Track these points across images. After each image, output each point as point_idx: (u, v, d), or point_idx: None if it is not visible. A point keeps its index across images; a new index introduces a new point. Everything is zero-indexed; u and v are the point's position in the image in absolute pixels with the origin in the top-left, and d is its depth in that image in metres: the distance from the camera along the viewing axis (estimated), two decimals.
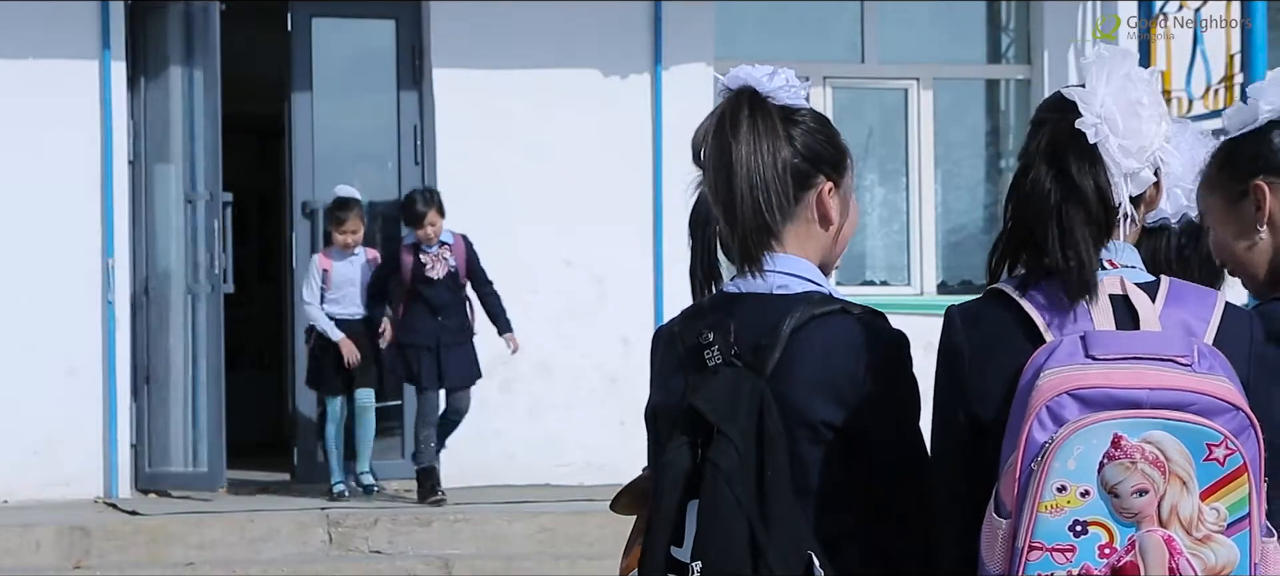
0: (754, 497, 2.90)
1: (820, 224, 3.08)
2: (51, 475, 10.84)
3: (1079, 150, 2.85)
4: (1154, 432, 2.70)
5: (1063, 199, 2.84)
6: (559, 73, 11.56)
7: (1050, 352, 2.78)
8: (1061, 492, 2.70)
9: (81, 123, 11.01)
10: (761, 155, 3.03)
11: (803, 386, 2.97)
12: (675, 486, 2.96)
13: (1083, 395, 2.72)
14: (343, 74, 11.83)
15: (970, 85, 12.79)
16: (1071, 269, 2.83)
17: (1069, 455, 2.69)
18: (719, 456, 2.90)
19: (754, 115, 3.05)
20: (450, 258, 10.69)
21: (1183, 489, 2.71)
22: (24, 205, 10.90)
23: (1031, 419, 2.72)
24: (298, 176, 11.65)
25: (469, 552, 9.90)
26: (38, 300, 10.88)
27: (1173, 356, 2.76)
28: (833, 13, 12.36)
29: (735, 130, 3.05)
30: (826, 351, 2.99)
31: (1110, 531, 2.71)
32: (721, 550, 2.89)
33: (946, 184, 12.63)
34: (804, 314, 2.99)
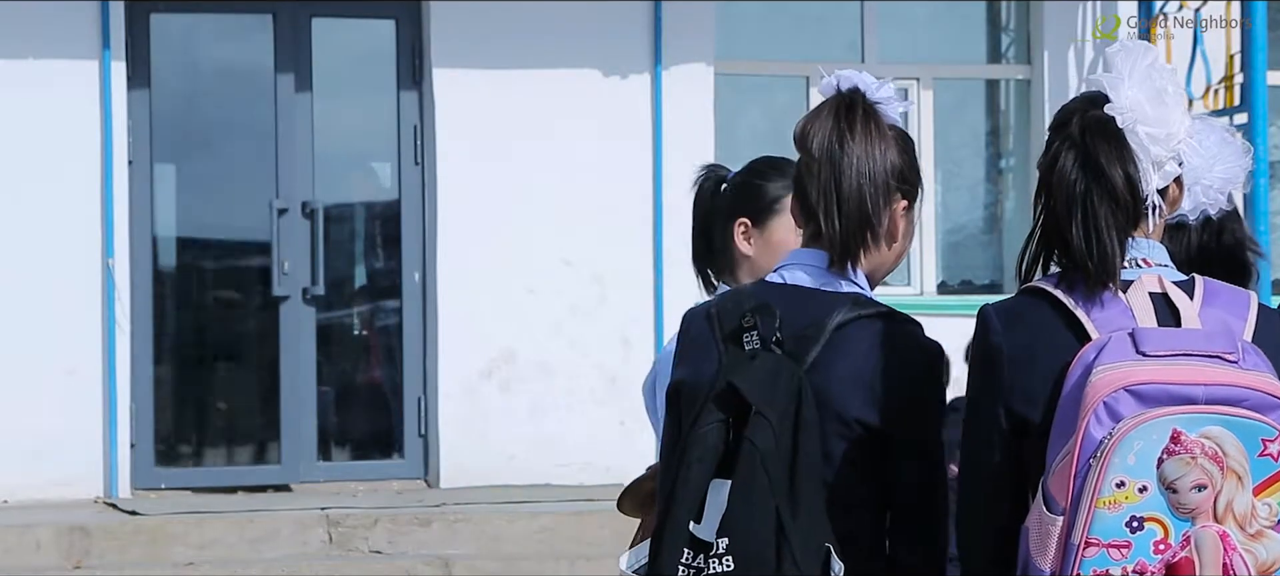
0: (785, 482, 2.93)
1: (887, 240, 3.14)
2: (51, 475, 10.83)
3: (1108, 138, 2.85)
4: (1211, 428, 2.71)
5: (1090, 186, 2.83)
6: (559, 73, 11.55)
7: (1099, 349, 2.78)
8: (1120, 488, 2.69)
9: (81, 123, 11.00)
10: (874, 157, 3.08)
11: (841, 382, 3.01)
12: (704, 462, 2.97)
13: (1139, 391, 2.71)
14: (343, 74, 11.82)
15: (970, 85, 12.78)
16: (1094, 255, 2.82)
17: (1129, 450, 2.69)
18: (756, 436, 2.93)
19: (868, 118, 3.10)
20: None
21: (1239, 484, 2.71)
22: (24, 205, 10.89)
23: (1088, 415, 2.72)
24: (298, 177, 11.64)
25: (469, 552, 9.89)
26: (37, 300, 10.87)
27: (1220, 353, 2.77)
28: (833, 13, 12.35)
29: (851, 128, 3.09)
30: (867, 351, 3.03)
31: (1166, 527, 2.71)
32: (750, 529, 2.92)
33: (946, 184, 12.62)
34: (850, 312, 3.05)
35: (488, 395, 11.40)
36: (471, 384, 11.41)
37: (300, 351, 11.51)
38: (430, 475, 11.55)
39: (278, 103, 11.51)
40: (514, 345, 11.42)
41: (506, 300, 11.32)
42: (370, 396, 11.85)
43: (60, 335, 10.90)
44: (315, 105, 11.56)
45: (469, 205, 11.44)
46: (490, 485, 11.13)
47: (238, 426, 11.86)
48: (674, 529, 2.99)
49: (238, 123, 11.75)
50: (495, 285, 11.33)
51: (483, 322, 11.33)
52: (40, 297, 10.87)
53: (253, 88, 11.59)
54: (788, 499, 2.92)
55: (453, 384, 11.41)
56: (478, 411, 11.39)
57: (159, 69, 11.37)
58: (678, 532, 2.98)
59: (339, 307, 11.72)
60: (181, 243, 11.75)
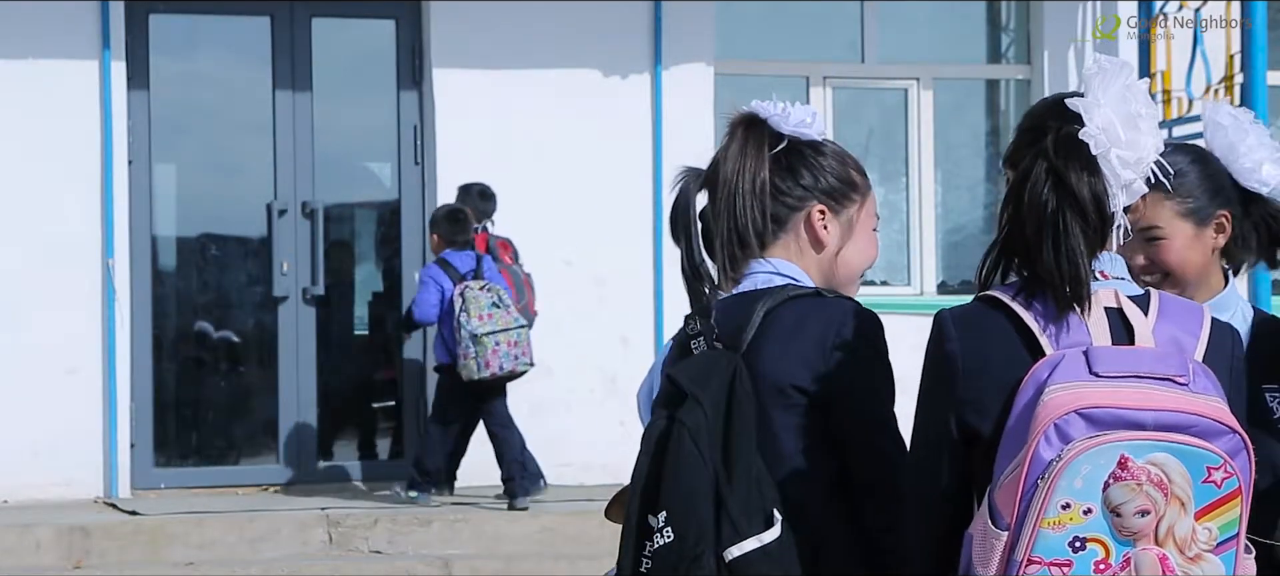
0: (720, 454, 3.10)
1: (813, 245, 3.37)
2: (51, 475, 10.84)
3: (1079, 159, 2.86)
4: (1158, 455, 2.73)
5: (1060, 206, 2.85)
6: (559, 73, 11.56)
7: (1053, 366, 2.80)
8: (1065, 509, 2.72)
9: (81, 123, 11.01)
10: (742, 175, 3.35)
11: (773, 356, 3.20)
12: (647, 450, 3.16)
13: (1090, 414, 2.74)
14: (343, 74, 11.83)
15: (970, 85, 12.79)
16: (1066, 277, 2.84)
17: (1077, 474, 2.71)
18: (685, 415, 3.11)
19: (746, 139, 3.37)
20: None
21: (1181, 510, 2.75)
22: (24, 205, 10.90)
23: (1039, 435, 2.73)
24: (298, 177, 11.65)
25: (469, 552, 9.90)
26: (37, 300, 10.88)
27: (1171, 376, 2.79)
28: (833, 13, 12.36)
29: (727, 148, 3.39)
30: (797, 324, 3.22)
31: (1107, 548, 2.74)
32: (685, 500, 3.08)
33: (946, 184, 12.63)
34: (779, 297, 3.26)
35: None
36: None
37: (300, 351, 11.52)
38: None
39: (277, 103, 11.52)
40: None
41: None
42: (370, 396, 11.85)
43: (60, 335, 10.91)
44: (315, 105, 11.57)
45: None
46: (490, 485, 11.13)
47: (238, 426, 11.87)
48: (629, 524, 3.16)
49: (237, 123, 11.77)
50: None
51: None
52: (40, 297, 10.88)
53: (252, 88, 11.59)
54: (723, 468, 3.08)
55: None
56: None
57: (159, 69, 11.38)
58: (631, 526, 3.15)
59: (339, 308, 11.72)
60: (181, 243, 11.76)
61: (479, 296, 10.41)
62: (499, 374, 10.39)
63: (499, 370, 10.37)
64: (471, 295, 10.39)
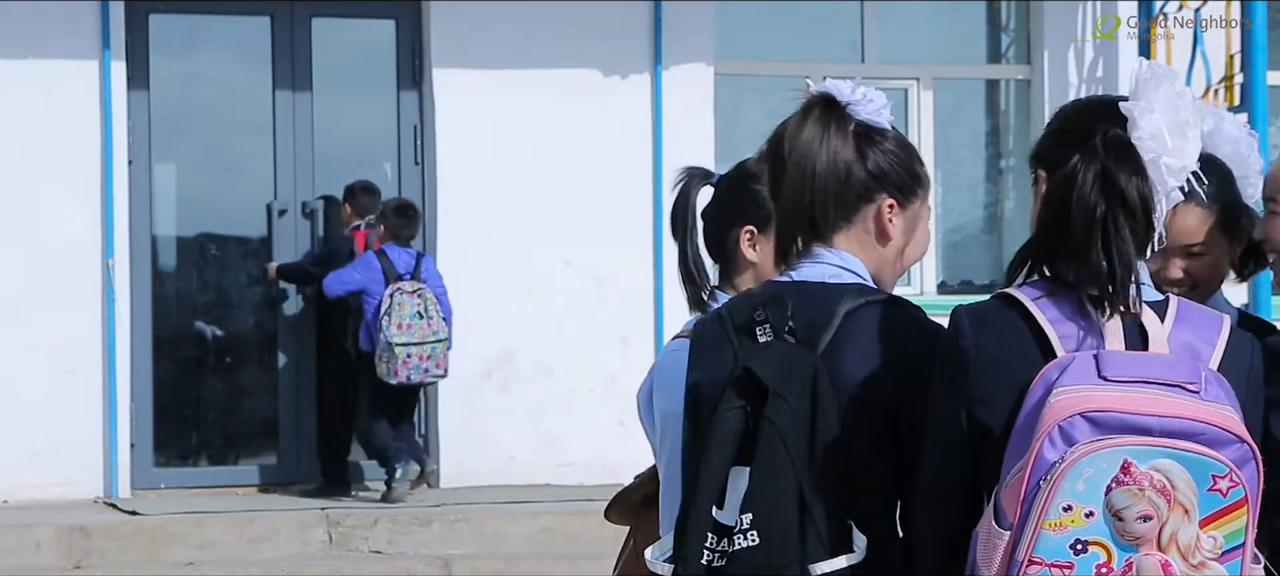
0: (805, 460, 2.97)
1: (878, 239, 3.21)
2: (51, 475, 10.83)
3: (1130, 163, 2.85)
4: (1162, 461, 2.73)
5: (1110, 208, 2.84)
6: (559, 73, 11.55)
7: (1062, 369, 2.79)
8: (1067, 512, 2.73)
9: (81, 123, 11.00)
10: (821, 157, 3.18)
11: (853, 363, 3.07)
12: (725, 446, 3.01)
13: (1095, 417, 2.73)
14: (343, 74, 11.83)
15: (970, 85, 12.78)
16: (1115, 279, 2.83)
17: (1079, 477, 2.71)
18: (775, 414, 2.97)
19: (825, 117, 3.22)
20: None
21: (1185, 517, 2.74)
22: (24, 205, 10.90)
23: (1043, 437, 2.74)
24: (298, 177, 11.65)
25: (469, 552, 9.90)
26: (37, 300, 10.87)
27: (1182, 382, 2.78)
28: (833, 13, 12.36)
29: (801, 126, 3.22)
30: (878, 333, 3.09)
31: (1109, 551, 2.74)
32: (773, 505, 2.95)
33: (946, 184, 12.62)
34: (858, 299, 3.12)
35: (488, 395, 11.41)
36: (471, 384, 11.41)
37: (300, 351, 11.51)
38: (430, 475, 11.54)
39: (277, 103, 11.52)
40: (514, 345, 11.42)
41: (506, 300, 11.31)
42: None
43: (60, 335, 10.90)
44: (315, 105, 11.57)
45: (469, 205, 11.44)
46: (490, 485, 11.14)
47: (238, 426, 11.87)
48: (697, 514, 3.01)
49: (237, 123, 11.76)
50: (495, 285, 11.34)
51: (483, 323, 11.33)
52: (40, 298, 10.87)
53: (252, 88, 11.59)
54: (809, 476, 2.96)
55: (453, 384, 11.40)
56: (478, 411, 11.39)
57: (159, 69, 11.37)
58: (701, 518, 3.00)
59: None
60: (181, 243, 11.76)
61: (406, 302, 10.60)
62: (406, 383, 10.63)
63: (406, 380, 10.60)
64: (399, 300, 10.59)
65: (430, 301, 10.65)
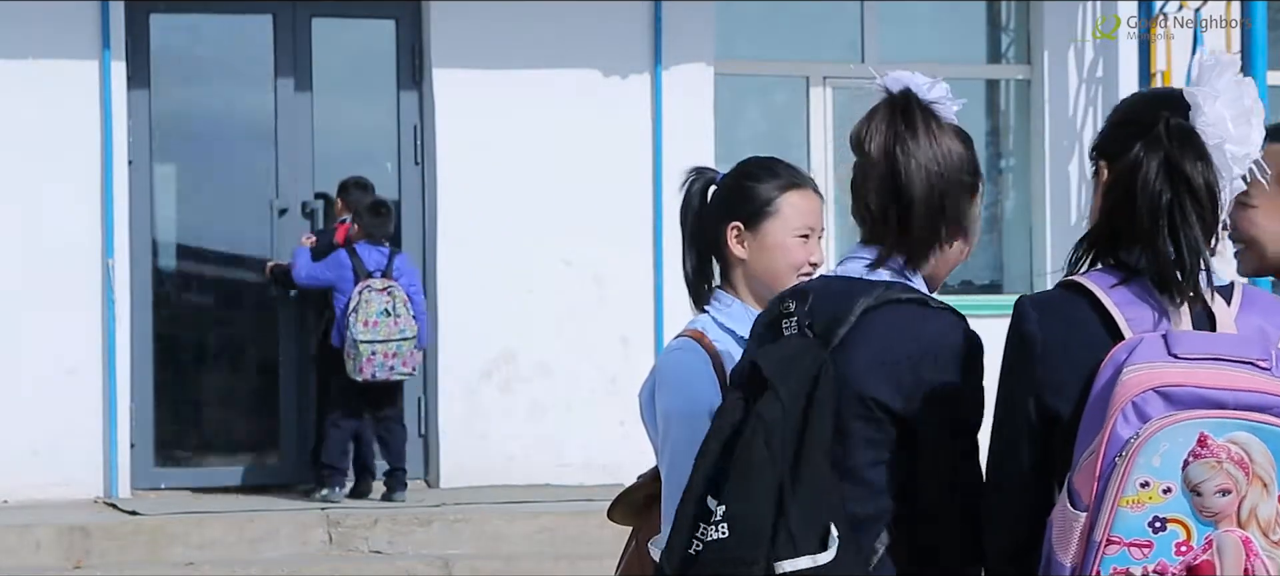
0: (790, 456, 2.94)
1: (959, 236, 3.18)
2: (51, 475, 10.83)
3: (1196, 150, 2.85)
4: (1239, 434, 2.71)
5: (1177, 196, 2.83)
6: (559, 73, 11.55)
7: (1131, 349, 2.78)
8: (1144, 488, 2.70)
9: (81, 123, 11.00)
10: (941, 157, 3.13)
11: (862, 363, 3.02)
12: (719, 433, 3.00)
13: (1168, 392, 2.72)
14: (343, 74, 11.83)
15: (970, 85, 12.77)
16: (1183, 266, 2.83)
17: (1155, 451, 2.69)
18: (763, 408, 2.94)
19: (928, 119, 3.16)
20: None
21: (1264, 491, 2.72)
22: (24, 205, 10.89)
23: (1116, 414, 2.72)
24: (298, 177, 11.65)
25: (469, 552, 9.89)
26: (38, 300, 10.87)
27: (1253, 359, 2.77)
28: (833, 13, 12.35)
29: (912, 130, 3.13)
30: (894, 335, 3.04)
31: (1188, 529, 2.71)
32: (746, 497, 2.93)
33: None
34: (881, 296, 3.05)
35: (488, 395, 11.40)
36: (471, 384, 11.41)
37: (300, 351, 11.50)
38: (430, 475, 11.55)
39: (278, 103, 11.52)
40: (514, 345, 11.42)
41: (506, 300, 11.31)
42: None
43: (60, 335, 10.90)
44: (315, 105, 11.57)
45: (469, 205, 11.44)
46: (490, 485, 11.14)
47: (238, 426, 11.86)
48: (689, 498, 3.00)
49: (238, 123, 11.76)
50: (495, 285, 11.33)
51: (483, 323, 11.33)
52: (40, 297, 10.87)
53: (253, 88, 11.59)
54: (791, 473, 2.93)
55: (453, 384, 11.41)
56: (478, 411, 11.39)
57: (159, 69, 11.37)
58: (690, 505, 3.00)
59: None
60: (181, 243, 11.75)
61: (373, 299, 10.64)
62: (371, 381, 10.64)
63: (371, 377, 10.63)
64: (366, 298, 10.63)
65: (399, 300, 10.69)
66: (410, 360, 10.72)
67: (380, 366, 10.61)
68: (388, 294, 10.66)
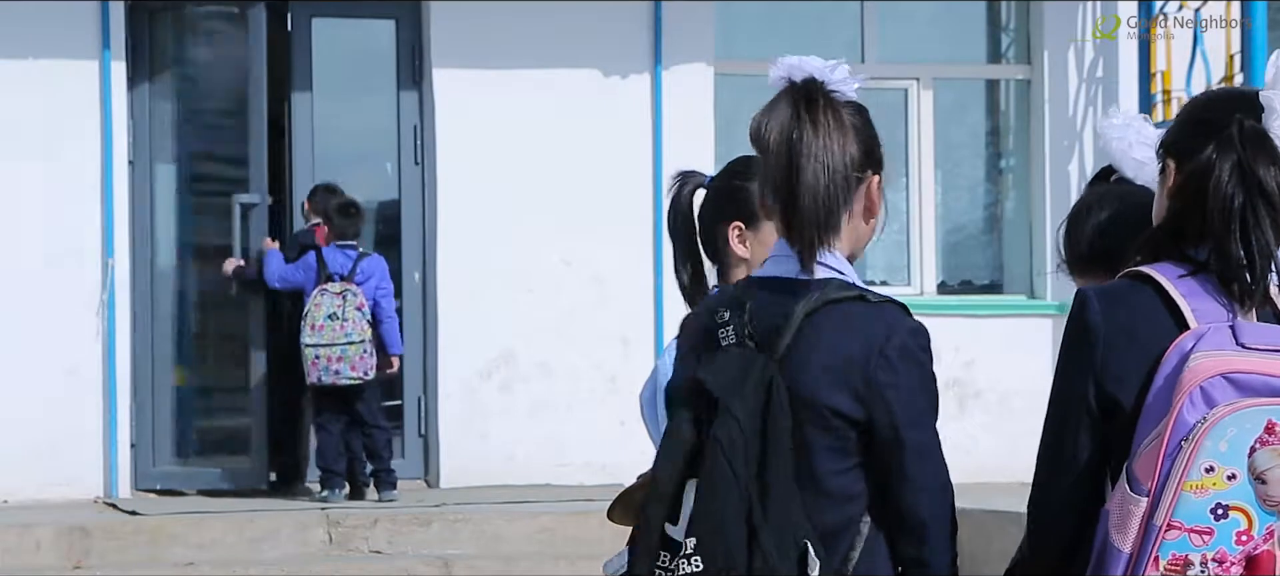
0: (754, 475, 2.87)
1: (865, 216, 3.09)
2: (51, 475, 10.83)
3: (1267, 153, 2.84)
4: None
5: (1249, 199, 2.82)
6: (559, 73, 11.55)
7: (1198, 337, 2.77)
8: (1209, 473, 2.68)
9: (81, 123, 11.00)
10: (832, 149, 3.02)
11: (812, 371, 2.94)
12: (673, 459, 2.93)
13: (1237, 379, 2.71)
14: (343, 74, 11.82)
15: (970, 85, 12.78)
16: (1255, 269, 2.81)
17: (1222, 437, 2.68)
18: (720, 430, 2.87)
19: (827, 108, 3.04)
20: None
21: None
22: (24, 205, 10.89)
23: (1183, 398, 2.71)
24: (298, 176, 11.65)
25: (469, 552, 9.89)
26: (37, 300, 10.87)
27: None
28: (833, 13, 12.35)
29: (813, 122, 3.03)
30: (839, 336, 2.97)
31: (1251, 518, 2.69)
32: (717, 525, 2.86)
33: (946, 184, 12.62)
34: (820, 298, 2.97)
35: (488, 395, 11.40)
36: (471, 384, 11.41)
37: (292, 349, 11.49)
38: (430, 475, 11.55)
39: (278, 102, 11.51)
40: (514, 345, 11.42)
41: (506, 300, 11.31)
42: None
43: (60, 335, 10.90)
44: (315, 105, 11.57)
45: (469, 205, 11.44)
46: (490, 485, 11.14)
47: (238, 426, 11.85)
48: (648, 530, 2.95)
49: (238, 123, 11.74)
50: (495, 285, 11.33)
51: (483, 322, 11.33)
52: (40, 297, 10.87)
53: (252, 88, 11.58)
54: (758, 492, 2.86)
55: (453, 384, 11.41)
56: (478, 411, 11.39)
57: (159, 69, 11.37)
58: (651, 533, 2.94)
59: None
60: (181, 243, 11.74)
61: (322, 303, 10.67)
62: (318, 384, 10.66)
63: (317, 381, 10.65)
64: (317, 301, 10.67)
65: (351, 304, 10.65)
66: (360, 364, 10.61)
67: (325, 370, 10.58)
68: (340, 297, 10.63)
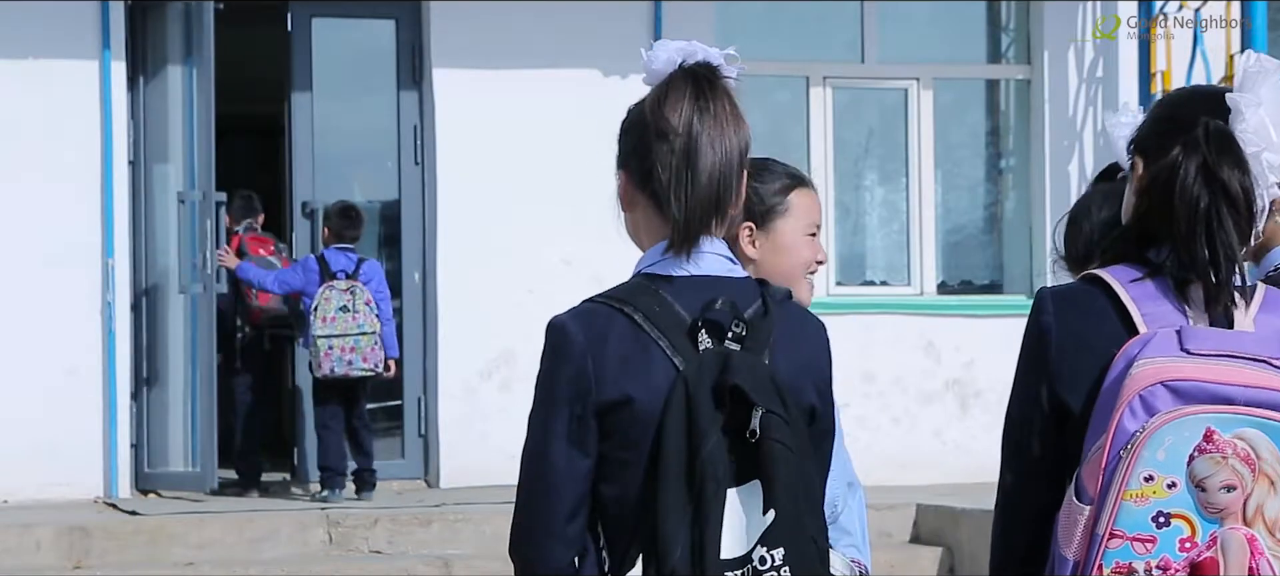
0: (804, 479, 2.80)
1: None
2: (51, 475, 10.83)
3: (1233, 156, 2.83)
4: (1246, 430, 2.69)
5: (1214, 201, 2.81)
6: (559, 73, 11.55)
7: (1144, 343, 2.76)
8: (1148, 482, 2.68)
9: (81, 123, 11.00)
10: (729, 137, 2.96)
11: (792, 370, 2.87)
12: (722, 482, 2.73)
13: (1176, 387, 2.70)
14: (343, 74, 11.83)
15: (970, 85, 12.78)
16: (1220, 271, 2.80)
17: (1160, 445, 2.68)
18: (781, 434, 2.74)
19: (725, 97, 2.99)
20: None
21: (1270, 489, 2.70)
22: (24, 205, 10.89)
23: (1123, 406, 2.70)
24: (298, 176, 11.65)
25: (469, 552, 9.89)
26: (37, 300, 10.87)
27: (1267, 358, 2.75)
28: (833, 13, 12.35)
29: (717, 109, 2.97)
30: (800, 336, 2.92)
31: (1193, 525, 2.69)
32: (801, 535, 2.73)
33: (946, 184, 12.62)
34: (771, 296, 2.90)
35: (488, 395, 11.40)
36: (471, 384, 11.41)
37: (300, 350, 11.50)
38: (430, 475, 11.55)
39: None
40: (514, 345, 11.42)
41: (506, 300, 11.30)
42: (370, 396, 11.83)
43: (60, 335, 10.90)
44: (315, 105, 11.57)
45: (469, 205, 11.44)
46: (490, 485, 11.13)
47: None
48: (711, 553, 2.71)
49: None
50: (495, 285, 11.33)
51: (483, 322, 11.33)
52: (40, 297, 10.87)
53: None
54: (807, 497, 2.78)
55: (453, 384, 11.41)
56: (478, 411, 11.39)
57: (159, 68, 11.36)
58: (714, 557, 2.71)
59: None
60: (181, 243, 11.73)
61: (332, 297, 10.75)
62: (330, 376, 10.71)
63: (330, 372, 10.71)
64: (325, 296, 10.73)
65: (360, 298, 10.76)
66: (371, 356, 10.74)
67: (338, 361, 10.66)
68: (349, 292, 10.75)
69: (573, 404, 2.92)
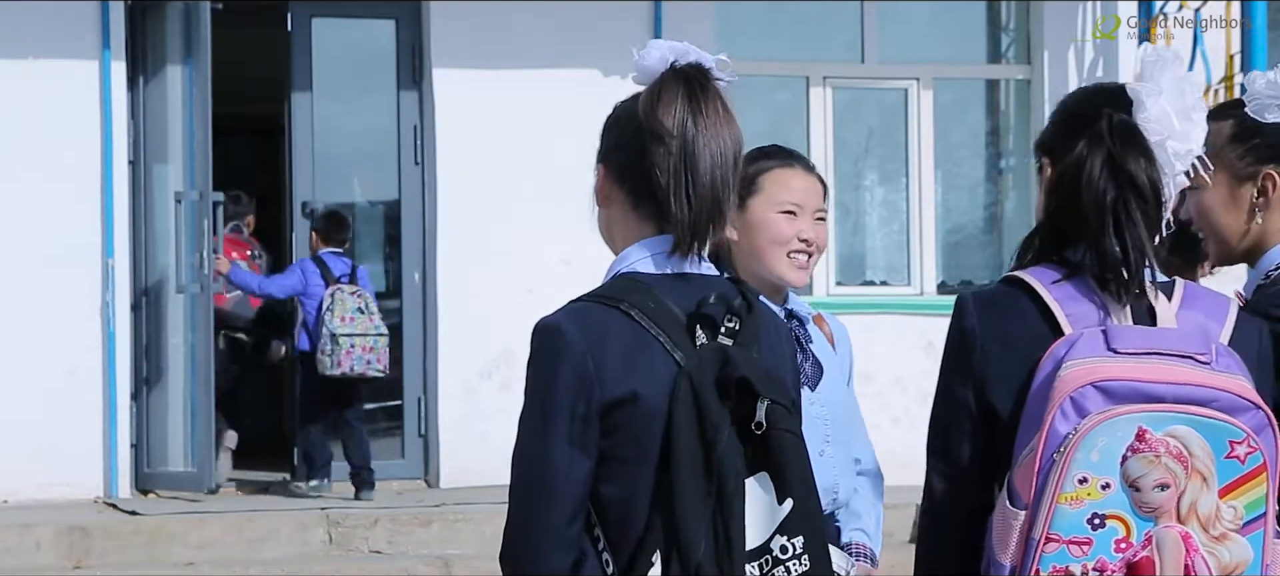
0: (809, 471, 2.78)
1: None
2: (51, 475, 10.83)
3: (1137, 147, 2.83)
4: (1178, 427, 2.69)
5: (1121, 193, 2.82)
6: (559, 73, 11.55)
7: (1070, 345, 2.77)
8: (1082, 484, 2.68)
9: (81, 123, 11.00)
10: (723, 139, 2.96)
11: (775, 364, 2.87)
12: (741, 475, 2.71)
13: (1106, 387, 2.70)
14: (343, 74, 11.83)
15: (970, 85, 12.78)
16: (1130, 265, 2.81)
17: (1093, 447, 2.68)
18: (789, 424, 2.73)
19: (716, 98, 2.97)
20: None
21: (1203, 485, 2.70)
22: (24, 205, 10.89)
23: (1054, 409, 2.70)
24: (298, 177, 11.65)
25: (469, 552, 9.90)
26: (37, 300, 10.87)
27: (1192, 353, 2.75)
28: (833, 13, 12.35)
29: (710, 110, 2.95)
30: (775, 333, 2.93)
31: (1128, 525, 2.69)
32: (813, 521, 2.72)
33: (946, 184, 12.62)
34: (751, 293, 2.89)
35: (488, 395, 11.40)
36: (471, 384, 11.41)
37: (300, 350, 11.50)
38: (430, 475, 11.55)
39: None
40: (514, 345, 11.41)
41: (506, 300, 11.30)
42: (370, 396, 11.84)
43: (60, 335, 10.90)
44: (315, 105, 11.57)
45: (469, 205, 11.44)
46: (490, 485, 11.13)
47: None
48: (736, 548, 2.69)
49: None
50: (495, 285, 11.33)
51: (483, 322, 11.33)
52: (40, 297, 10.87)
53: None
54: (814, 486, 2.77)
55: (453, 384, 11.41)
56: (478, 411, 11.39)
57: (159, 68, 11.37)
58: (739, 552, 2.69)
59: None
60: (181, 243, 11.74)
61: (347, 299, 10.94)
62: (349, 374, 10.86)
63: (349, 370, 10.86)
64: (340, 297, 10.90)
65: (369, 301, 11.02)
66: (384, 358, 10.97)
67: (358, 360, 10.83)
68: (358, 296, 10.92)
69: (574, 404, 2.86)
